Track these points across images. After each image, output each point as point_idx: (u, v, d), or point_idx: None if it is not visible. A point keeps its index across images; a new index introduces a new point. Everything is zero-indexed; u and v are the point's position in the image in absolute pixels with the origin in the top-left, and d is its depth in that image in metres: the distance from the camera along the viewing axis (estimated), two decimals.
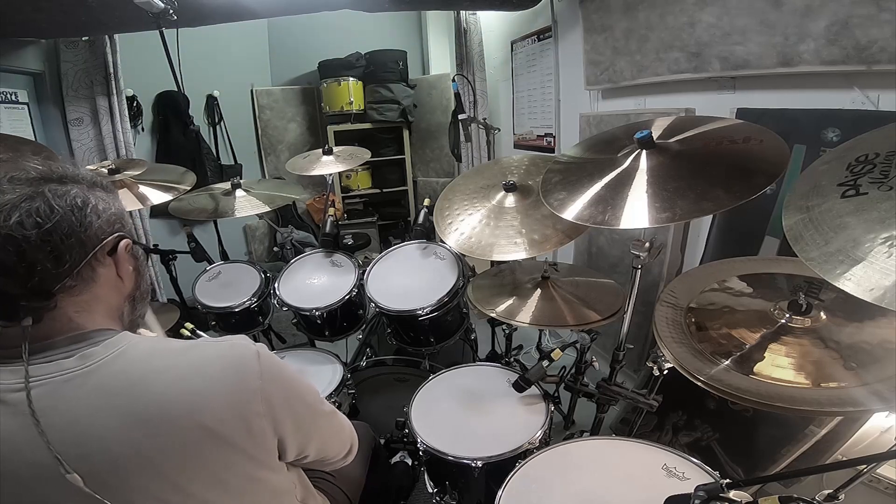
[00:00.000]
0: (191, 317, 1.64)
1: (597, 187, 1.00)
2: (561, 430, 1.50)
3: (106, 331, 0.61)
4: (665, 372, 1.11)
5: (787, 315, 0.91)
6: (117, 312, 0.66)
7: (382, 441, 1.31)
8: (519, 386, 1.15)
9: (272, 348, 2.02)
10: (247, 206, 1.79)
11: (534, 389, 1.17)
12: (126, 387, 0.55)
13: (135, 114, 2.79)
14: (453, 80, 2.30)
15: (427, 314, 1.42)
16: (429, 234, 1.67)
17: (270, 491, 0.68)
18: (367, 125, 3.83)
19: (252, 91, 3.74)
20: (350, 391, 1.47)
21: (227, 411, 0.58)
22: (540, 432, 1.07)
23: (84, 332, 0.59)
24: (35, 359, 0.55)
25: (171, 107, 2.96)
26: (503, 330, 1.73)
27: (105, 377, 0.55)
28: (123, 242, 0.64)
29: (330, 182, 2.10)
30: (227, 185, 1.88)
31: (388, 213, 4.21)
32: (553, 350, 1.14)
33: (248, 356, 0.61)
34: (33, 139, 2.21)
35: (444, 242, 1.49)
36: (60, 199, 0.56)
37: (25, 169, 0.57)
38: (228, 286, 1.75)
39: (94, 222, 0.59)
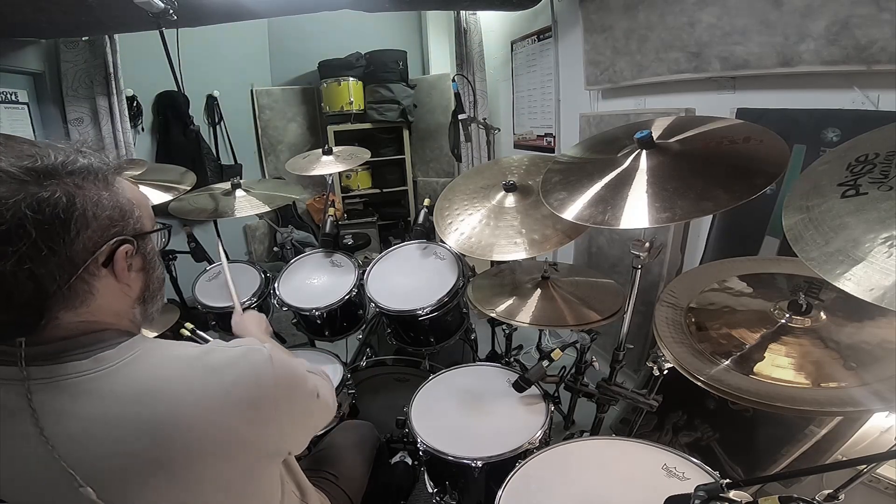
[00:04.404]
0: (191, 317, 1.64)
1: (597, 187, 1.00)
2: (561, 430, 1.50)
3: (119, 332, 0.59)
4: (665, 372, 1.11)
5: (787, 315, 0.91)
6: (128, 316, 0.62)
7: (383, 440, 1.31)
8: (519, 386, 1.15)
9: None
10: (247, 206, 1.78)
11: (534, 389, 1.17)
12: (140, 394, 0.53)
13: (135, 114, 2.78)
14: (453, 80, 2.29)
15: (427, 314, 1.42)
16: (429, 234, 1.67)
17: (270, 483, 0.69)
18: (367, 125, 3.83)
19: (252, 91, 3.74)
20: (350, 391, 1.47)
21: (242, 418, 0.58)
22: (540, 432, 1.07)
23: (97, 332, 0.56)
24: (48, 362, 0.53)
25: (171, 107, 2.96)
26: (503, 330, 1.73)
27: (118, 383, 0.54)
28: (121, 250, 0.57)
29: (330, 182, 2.11)
30: (227, 185, 1.87)
31: (388, 213, 4.21)
32: (553, 350, 1.14)
33: (262, 362, 0.60)
34: (33, 139, 2.21)
35: (444, 242, 1.49)
36: (38, 213, 0.48)
37: (2, 167, 0.48)
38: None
39: (81, 234, 0.52)
